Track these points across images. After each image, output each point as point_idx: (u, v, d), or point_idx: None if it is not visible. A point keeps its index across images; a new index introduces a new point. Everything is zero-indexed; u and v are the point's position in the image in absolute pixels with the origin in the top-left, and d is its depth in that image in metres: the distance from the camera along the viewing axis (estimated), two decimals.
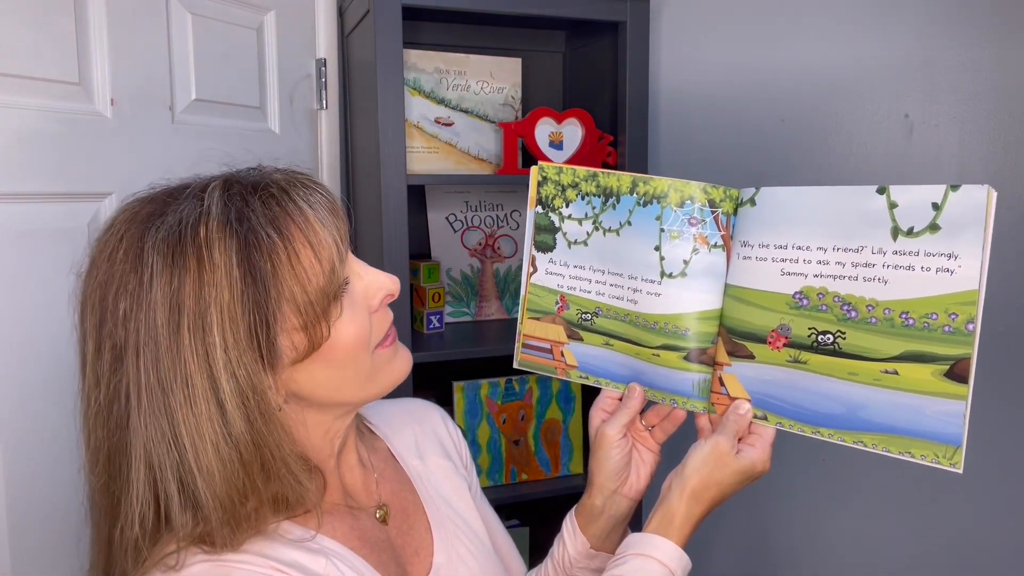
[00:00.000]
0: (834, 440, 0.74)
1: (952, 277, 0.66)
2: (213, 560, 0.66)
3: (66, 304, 1.09)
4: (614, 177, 0.84)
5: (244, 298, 0.64)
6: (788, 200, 0.75)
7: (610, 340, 0.87)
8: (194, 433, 0.63)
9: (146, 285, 0.63)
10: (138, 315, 0.64)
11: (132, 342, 0.64)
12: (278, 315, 0.65)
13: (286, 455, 0.67)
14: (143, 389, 0.63)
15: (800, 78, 1.52)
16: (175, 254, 0.64)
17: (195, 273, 0.63)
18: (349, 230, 0.74)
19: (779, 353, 0.76)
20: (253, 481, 0.66)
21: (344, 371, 0.72)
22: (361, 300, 0.73)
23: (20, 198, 1.05)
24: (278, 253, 0.65)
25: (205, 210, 0.65)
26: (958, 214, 0.66)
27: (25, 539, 1.05)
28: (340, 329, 0.70)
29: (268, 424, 0.66)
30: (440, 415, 0.98)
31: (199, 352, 0.63)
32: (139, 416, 0.64)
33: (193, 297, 0.63)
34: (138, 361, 0.64)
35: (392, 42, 1.34)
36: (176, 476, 0.64)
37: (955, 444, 0.67)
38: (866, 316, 0.71)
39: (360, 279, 0.74)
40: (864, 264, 0.71)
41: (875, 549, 1.44)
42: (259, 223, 0.65)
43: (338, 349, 0.70)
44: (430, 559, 0.83)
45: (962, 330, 0.66)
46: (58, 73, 1.09)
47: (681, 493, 0.78)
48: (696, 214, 0.79)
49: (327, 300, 0.68)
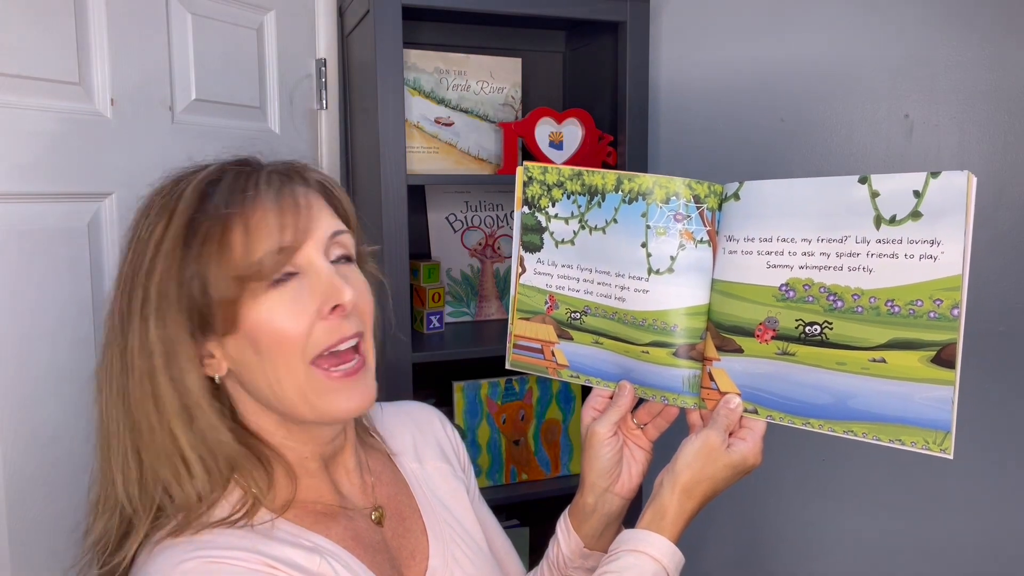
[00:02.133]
0: (824, 431, 0.74)
1: (935, 263, 0.67)
2: (203, 557, 0.66)
3: (66, 304, 1.11)
4: (599, 175, 0.84)
5: (180, 255, 0.70)
6: (772, 193, 0.75)
7: (600, 338, 0.87)
8: (131, 366, 0.71)
9: (137, 227, 0.73)
10: (128, 254, 0.73)
11: (121, 276, 0.73)
12: (205, 281, 0.69)
13: (204, 410, 0.71)
14: (116, 321, 0.73)
15: (800, 78, 1.52)
16: (161, 206, 0.72)
17: (164, 223, 0.71)
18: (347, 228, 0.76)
19: (767, 346, 0.76)
20: (173, 424, 0.70)
21: (273, 365, 0.71)
22: (308, 298, 0.71)
23: (20, 198, 1.05)
24: (214, 222, 0.70)
25: (198, 174, 0.73)
26: (939, 201, 0.66)
27: (25, 539, 1.05)
28: (266, 316, 0.70)
29: (184, 374, 0.71)
30: (438, 418, 0.98)
31: (143, 296, 0.70)
32: (114, 348, 0.72)
33: (154, 245, 0.71)
34: (119, 296, 0.73)
35: (392, 42, 1.35)
36: (123, 411, 0.72)
37: (944, 430, 0.68)
38: (852, 305, 0.71)
39: (319, 279, 0.72)
40: (848, 254, 0.71)
41: (868, 545, 1.44)
42: (218, 192, 0.72)
43: (261, 334, 0.70)
44: (426, 562, 0.83)
45: (947, 316, 0.67)
46: (58, 73, 1.09)
47: (673, 488, 0.78)
48: (681, 210, 0.79)
49: (244, 281, 0.70)
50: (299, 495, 0.76)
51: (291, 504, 0.74)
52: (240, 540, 0.69)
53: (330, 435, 0.79)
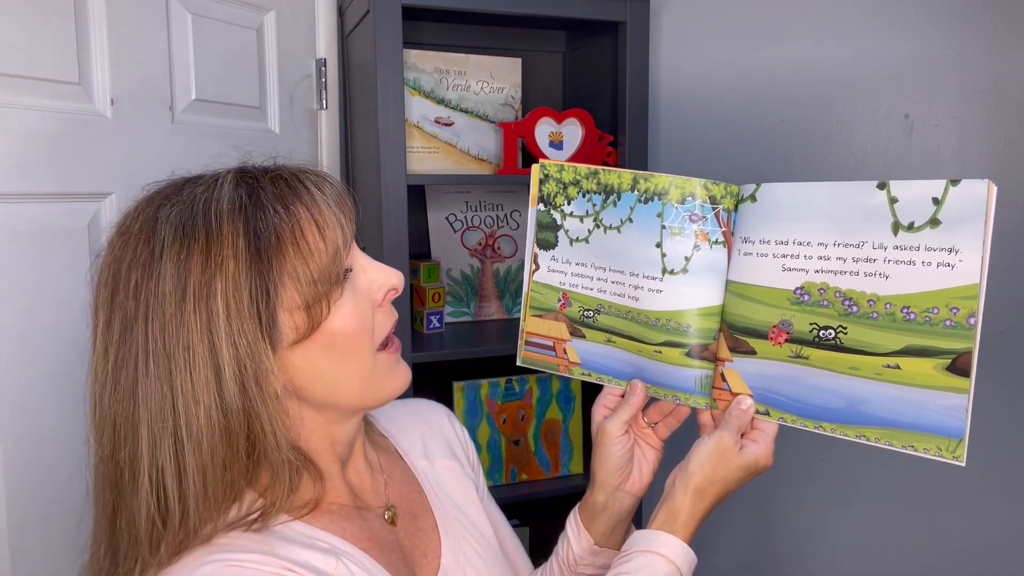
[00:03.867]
0: (837, 435, 0.74)
1: (953, 271, 0.66)
2: (221, 561, 0.65)
3: (66, 304, 1.10)
4: (615, 174, 0.84)
5: (248, 269, 0.65)
6: (789, 196, 0.75)
7: (612, 337, 0.87)
8: (190, 399, 0.64)
9: (156, 256, 0.65)
10: (148, 285, 0.65)
11: (141, 312, 0.65)
12: (280, 289, 0.66)
13: (278, 432, 0.67)
14: (149, 356, 0.65)
15: (800, 78, 1.52)
16: (185, 227, 0.66)
17: (203, 244, 0.65)
18: (356, 223, 0.75)
19: (781, 349, 0.76)
20: (237, 452, 0.66)
21: (344, 363, 0.71)
22: (364, 292, 0.73)
23: (20, 198, 1.05)
24: (283, 228, 0.67)
25: (218, 188, 0.68)
26: (958, 209, 0.66)
27: (25, 539, 1.04)
28: (341, 314, 0.70)
29: (262, 397, 0.66)
30: (447, 415, 0.98)
31: (202, 319, 0.64)
32: (146, 382, 0.65)
33: (200, 267, 0.65)
34: (146, 328, 0.65)
35: (392, 42, 1.34)
36: (172, 444, 0.65)
37: (958, 437, 0.67)
38: (867, 311, 0.71)
39: (364, 272, 0.74)
40: (865, 259, 0.70)
41: (878, 547, 1.44)
42: (268, 200, 0.68)
43: (338, 335, 0.70)
44: (438, 560, 0.82)
45: (963, 324, 0.66)
46: (58, 73, 1.09)
47: (685, 489, 0.78)
48: (697, 211, 0.79)
49: (329, 280, 0.69)
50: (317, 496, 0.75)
51: (314, 506, 0.74)
52: (257, 543, 0.68)
53: (354, 431, 0.79)
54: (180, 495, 0.65)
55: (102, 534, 0.70)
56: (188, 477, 0.65)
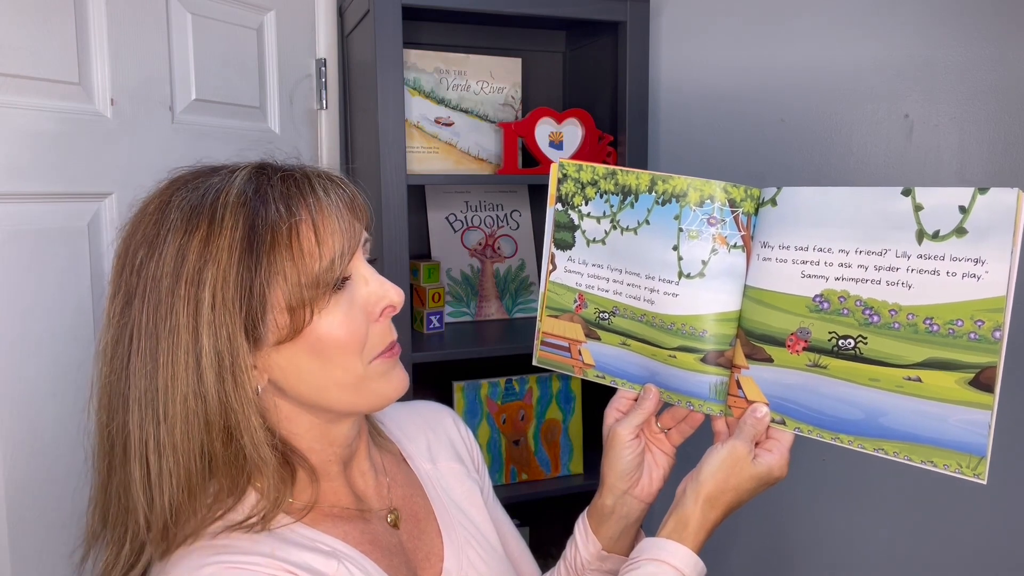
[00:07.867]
0: (854, 447, 0.73)
1: (979, 283, 0.64)
2: (222, 562, 0.65)
3: (65, 304, 1.09)
4: (633, 175, 0.83)
5: (239, 263, 0.66)
6: (810, 201, 0.73)
7: (627, 340, 0.86)
8: (168, 382, 0.66)
9: (162, 238, 0.67)
10: (149, 264, 0.67)
11: (139, 289, 0.67)
12: (267, 288, 0.67)
13: (253, 427, 0.68)
14: (142, 334, 0.67)
15: (800, 78, 1.52)
16: (192, 214, 0.67)
17: (204, 233, 0.66)
18: (368, 234, 0.75)
19: (798, 357, 0.75)
20: (213, 441, 0.67)
21: (331, 370, 0.71)
22: (360, 304, 0.72)
23: (20, 198, 1.04)
24: (280, 228, 0.67)
25: (231, 181, 0.69)
26: (986, 218, 0.64)
27: (25, 539, 1.04)
28: (330, 321, 0.69)
29: (239, 390, 0.67)
30: (452, 418, 0.98)
31: (190, 305, 0.66)
32: (136, 359, 0.67)
33: (196, 254, 0.66)
34: (142, 306, 0.67)
35: (392, 42, 1.34)
36: (153, 421, 0.66)
37: (979, 454, 0.65)
38: (889, 321, 0.69)
39: (365, 283, 0.73)
40: (888, 268, 0.69)
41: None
42: (272, 197, 0.68)
43: (326, 341, 0.69)
44: (440, 564, 0.82)
45: (988, 338, 0.64)
46: (58, 73, 1.08)
47: (696, 498, 0.77)
48: (716, 214, 0.78)
49: (317, 285, 0.68)
50: (318, 498, 0.75)
51: (311, 508, 0.74)
52: (258, 545, 0.68)
53: (353, 433, 0.78)
54: (160, 471, 0.67)
55: (97, 496, 0.72)
56: (166, 456, 0.67)
